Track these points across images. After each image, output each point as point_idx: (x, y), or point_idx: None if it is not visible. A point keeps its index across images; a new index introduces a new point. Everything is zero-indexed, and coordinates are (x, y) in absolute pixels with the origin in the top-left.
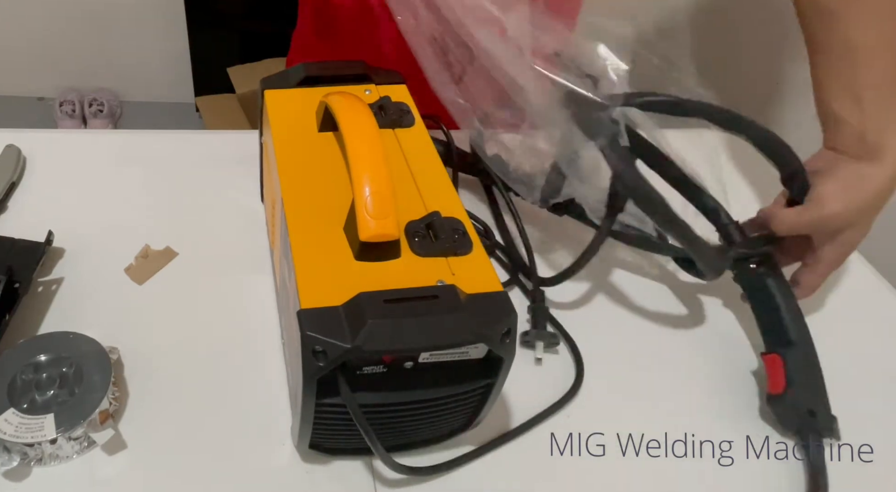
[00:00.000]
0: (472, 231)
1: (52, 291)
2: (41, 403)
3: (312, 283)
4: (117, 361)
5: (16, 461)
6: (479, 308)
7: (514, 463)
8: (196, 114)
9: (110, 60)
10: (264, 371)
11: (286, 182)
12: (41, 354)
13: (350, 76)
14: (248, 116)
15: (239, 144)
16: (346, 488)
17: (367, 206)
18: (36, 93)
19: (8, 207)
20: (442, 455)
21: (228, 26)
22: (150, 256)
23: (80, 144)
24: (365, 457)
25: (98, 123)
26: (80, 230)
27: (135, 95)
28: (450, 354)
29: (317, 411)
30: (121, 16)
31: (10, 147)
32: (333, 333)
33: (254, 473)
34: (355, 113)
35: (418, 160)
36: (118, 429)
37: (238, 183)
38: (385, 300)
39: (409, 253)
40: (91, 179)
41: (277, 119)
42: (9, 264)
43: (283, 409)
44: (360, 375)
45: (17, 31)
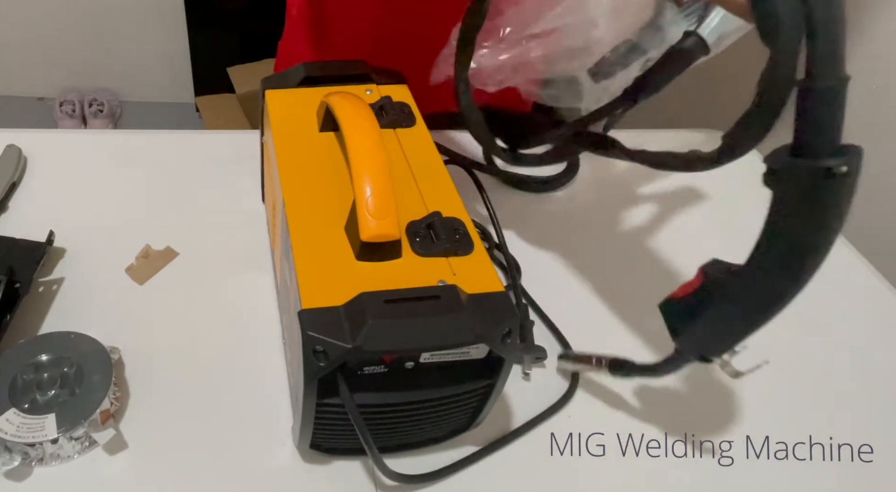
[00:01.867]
0: (474, 231)
1: (53, 291)
2: (42, 403)
3: (313, 283)
4: (118, 361)
5: (17, 461)
6: (480, 308)
7: (514, 463)
8: (196, 114)
9: (110, 60)
10: (265, 371)
11: (287, 182)
12: (42, 355)
13: (351, 76)
14: (248, 116)
15: (239, 144)
16: (346, 488)
17: (368, 206)
18: (36, 93)
19: (8, 207)
20: (442, 456)
21: (228, 26)
22: (151, 256)
23: (80, 144)
24: (365, 457)
25: (98, 123)
26: (81, 230)
27: (135, 95)
28: (451, 355)
29: (317, 411)
30: (121, 16)
31: (11, 147)
32: (334, 333)
33: (254, 472)
34: (356, 113)
35: (419, 160)
36: (119, 429)
37: (238, 183)
38: (386, 300)
39: (410, 253)
40: (91, 179)
41: (278, 119)
42: (9, 264)
43: (284, 409)
44: (360, 375)
45: (17, 31)
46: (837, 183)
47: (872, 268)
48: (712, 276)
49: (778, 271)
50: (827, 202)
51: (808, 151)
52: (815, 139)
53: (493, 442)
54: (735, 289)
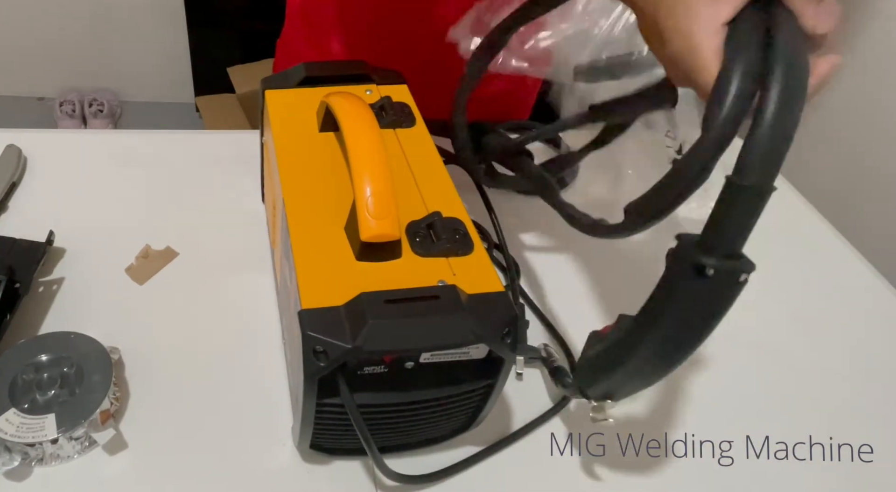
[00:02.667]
0: (473, 231)
1: (53, 291)
2: (42, 403)
3: (313, 283)
4: (118, 361)
5: (17, 461)
6: (479, 308)
7: (514, 463)
8: (196, 114)
9: (110, 60)
10: (265, 371)
11: (287, 182)
12: (42, 355)
13: (351, 76)
14: (248, 116)
15: (239, 144)
16: (346, 488)
17: (367, 206)
18: (36, 93)
19: (8, 207)
20: (442, 456)
21: (228, 26)
22: (151, 256)
23: (80, 144)
24: (365, 457)
25: (98, 123)
26: (81, 230)
27: (135, 95)
28: (451, 355)
29: (317, 412)
30: (121, 16)
31: (11, 147)
32: (334, 333)
33: (254, 473)
34: (356, 113)
35: (419, 160)
36: (119, 429)
37: (238, 183)
38: (386, 300)
39: (410, 253)
40: (91, 179)
41: (278, 119)
42: (9, 264)
43: (284, 409)
44: (361, 375)
45: (17, 31)
46: (734, 288)
47: (872, 268)
48: (620, 324)
49: (653, 346)
50: (726, 302)
51: (717, 248)
52: (726, 238)
53: (493, 443)
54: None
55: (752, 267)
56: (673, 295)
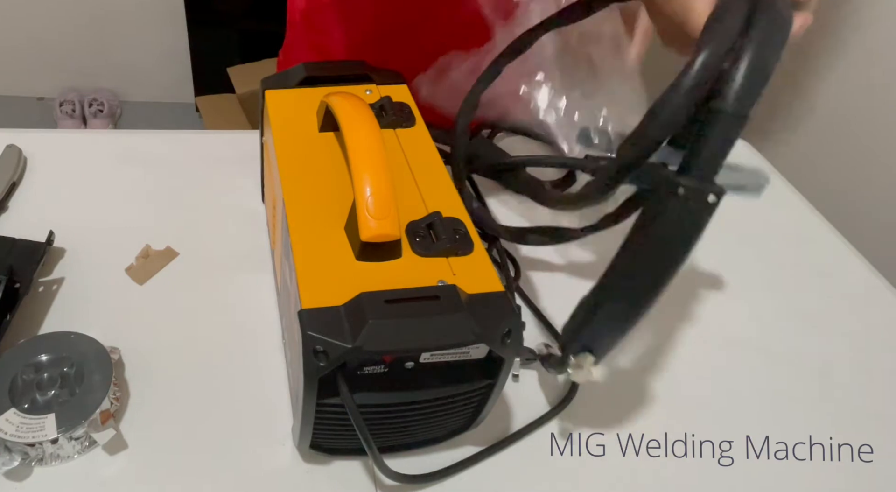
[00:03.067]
0: (473, 231)
1: (53, 291)
2: (42, 403)
3: (313, 283)
4: (118, 361)
5: (17, 461)
6: (480, 308)
7: (514, 463)
8: (196, 114)
9: (110, 60)
10: (265, 371)
11: (287, 182)
12: (42, 355)
13: (351, 76)
14: (248, 116)
15: (239, 144)
16: (346, 488)
17: (367, 206)
18: (36, 93)
19: (8, 207)
20: (442, 456)
21: (228, 26)
22: (151, 256)
23: (80, 144)
24: (365, 457)
25: (98, 123)
26: (81, 230)
27: (135, 95)
28: (451, 355)
29: (317, 412)
30: (121, 16)
31: (11, 147)
32: (334, 333)
33: (254, 473)
34: (356, 113)
35: (419, 160)
36: (119, 429)
37: (238, 183)
38: (386, 300)
39: (410, 253)
40: (91, 179)
41: (278, 119)
42: (9, 264)
43: (284, 409)
44: (361, 375)
45: (17, 31)
46: (704, 209)
47: (872, 268)
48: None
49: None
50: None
51: (691, 170)
52: (701, 158)
53: (493, 443)
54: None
55: (721, 191)
56: (645, 217)
